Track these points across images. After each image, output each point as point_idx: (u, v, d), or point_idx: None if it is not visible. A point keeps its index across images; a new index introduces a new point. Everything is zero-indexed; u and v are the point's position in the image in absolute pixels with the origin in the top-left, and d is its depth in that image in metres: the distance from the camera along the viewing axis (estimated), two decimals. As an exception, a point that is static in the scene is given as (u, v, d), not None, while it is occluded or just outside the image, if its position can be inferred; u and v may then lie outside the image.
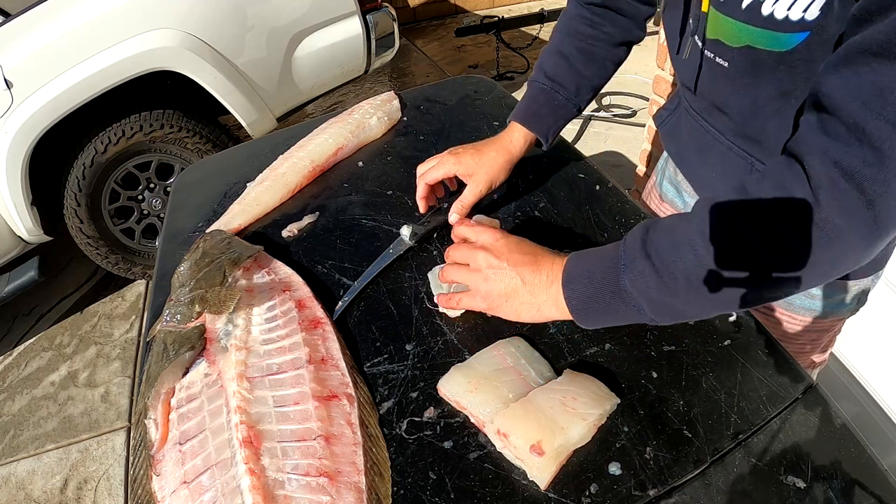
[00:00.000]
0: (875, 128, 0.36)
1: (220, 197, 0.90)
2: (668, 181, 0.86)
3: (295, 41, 2.01)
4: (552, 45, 0.77)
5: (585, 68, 0.74)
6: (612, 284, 0.47)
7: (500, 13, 3.86)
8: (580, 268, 0.50)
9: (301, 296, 0.66)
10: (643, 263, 0.45)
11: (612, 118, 2.82)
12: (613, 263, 0.47)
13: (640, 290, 0.46)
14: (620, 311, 0.48)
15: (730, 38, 0.52)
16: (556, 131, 0.76)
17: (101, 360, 1.98)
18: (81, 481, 1.60)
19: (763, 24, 0.47)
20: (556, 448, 0.47)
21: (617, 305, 0.48)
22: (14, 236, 1.87)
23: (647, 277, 0.45)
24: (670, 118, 0.78)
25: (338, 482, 0.48)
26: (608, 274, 0.48)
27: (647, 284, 0.45)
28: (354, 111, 1.01)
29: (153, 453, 0.51)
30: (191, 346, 0.58)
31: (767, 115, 0.55)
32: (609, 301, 0.48)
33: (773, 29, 0.47)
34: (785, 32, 0.46)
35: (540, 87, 0.75)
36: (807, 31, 0.45)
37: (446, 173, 0.72)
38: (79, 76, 1.66)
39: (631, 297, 0.46)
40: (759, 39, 0.49)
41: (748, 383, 0.54)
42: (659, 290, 0.45)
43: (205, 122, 2.02)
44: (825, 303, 0.68)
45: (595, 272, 0.49)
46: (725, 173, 0.66)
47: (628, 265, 0.46)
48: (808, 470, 0.47)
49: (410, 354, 0.60)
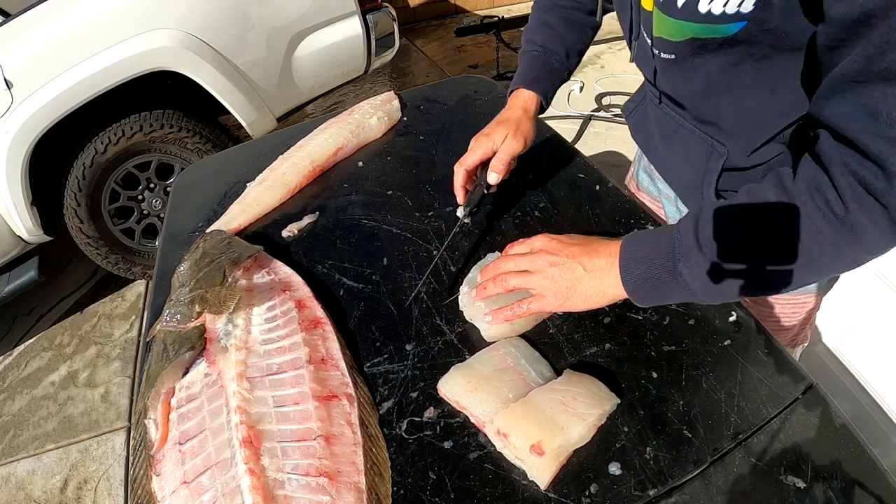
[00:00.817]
0: (875, 148, 0.41)
1: (220, 197, 0.90)
2: (643, 170, 0.91)
3: (295, 41, 2.01)
4: (535, 20, 0.84)
5: (569, 34, 0.82)
6: (670, 270, 0.52)
7: (500, 13, 3.86)
8: (637, 253, 0.54)
9: (301, 296, 0.66)
10: (697, 255, 0.50)
11: (612, 118, 2.82)
12: (669, 251, 0.52)
13: (695, 277, 0.50)
14: (675, 293, 0.53)
15: (673, 35, 0.57)
16: (553, 94, 0.82)
17: (101, 360, 1.98)
18: (81, 481, 1.60)
19: (702, 20, 0.52)
20: (556, 448, 0.47)
21: (672, 288, 0.52)
22: (14, 236, 1.87)
23: (701, 267, 0.50)
24: (637, 109, 0.83)
25: (338, 482, 0.48)
26: (665, 261, 0.52)
27: (701, 272, 0.50)
28: (354, 111, 1.01)
29: (153, 453, 0.51)
30: (191, 346, 0.58)
31: (719, 93, 0.59)
32: (665, 284, 0.53)
33: (711, 23, 0.51)
34: (723, 24, 0.51)
35: (534, 54, 0.81)
36: (744, 21, 0.50)
37: (483, 154, 0.73)
38: (79, 76, 1.66)
39: (686, 282, 0.51)
40: (701, 32, 0.53)
41: (748, 383, 0.54)
42: (712, 277, 0.50)
43: (205, 122, 2.02)
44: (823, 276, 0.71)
45: (653, 258, 0.53)
46: (689, 157, 0.69)
47: (684, 255, 0.51)
48: (808, 470, 0.47)
49: (410, 354, 0.60)
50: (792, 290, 0.54)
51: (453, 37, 3.68)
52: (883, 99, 0.40)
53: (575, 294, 0.56)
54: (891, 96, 0.40)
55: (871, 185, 0.42)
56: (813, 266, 0.47)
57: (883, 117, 0.40)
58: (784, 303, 0.75)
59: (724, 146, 0.64)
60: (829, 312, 1.30)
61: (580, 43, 0.83)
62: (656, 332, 0.59)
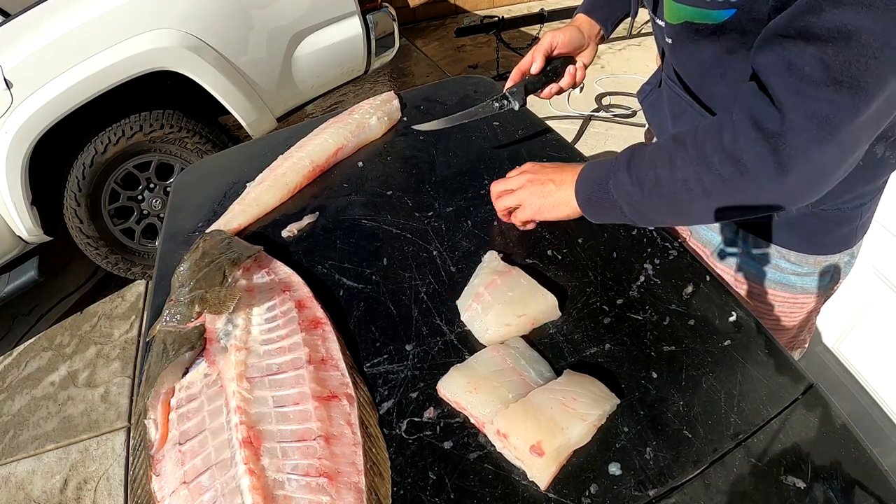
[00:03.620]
0: (782, 96, 0.47)
1: (220, 197, 0.90)
2: None
3: (295, 41, 2.01)
4: None
5: None
6: (605, 187, 0.62)
7: (500, 13, 3.85)
8: (588, 171, 0.65)
9: (301, 296, 0.66)
10: (624, 175, 0.59)
11: (612, 118, 2.82)
12: (606, 171, 0.62)
13: (621, 195, 0.60)
14: (610, 210, 0.62)
15: (671, 17, 0.61)
16: (615, 23, 0.86)
17: (101, 360, 1.98)
18: (81, 481, 1.60)
19: (694, 3, 0.56)
20: (556, 448, 0.47)
21: (607, 205, 0.62)
22: (14, 236, 1.87)
23: (626, 186, 0.59)
24: (652, 92, 0.84)
25: (337, 482, 0.48)
26: (602, 178, 0.62)
27: (625, 191, 0.60)
28: (354, 111, 1.01)
29: (153, 453, 0.51)
30: (191, 346, 0.58)
31: (714, 79, 0.64)
32: (602, 200, 0.62)
33: (703, 7, 0.55)
34: (714, 10, 0.55)
35: None
36: (733, 9, 0.53)
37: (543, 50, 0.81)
38: (79, 76, 1.66)
39: (615, 200, 0.61)
40: (694, 16, 0.57)
41: (748, 383, 0.54)
42: (633, 196, 0.59)
43: (205, 122, 2.01)
44: (796, 278, 0.73)
45: (596, 177, 0.63)
46: None
47: (614, 174, 0.60)
48: (808, 470, 0.47)
49: (410, 354, 0.60)
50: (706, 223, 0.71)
51: (453, 37, 3.68)
52: (800, 55, 0.45)
53: (547, 203, 0.68)
54: (808, 54, 0.44)
55: (764, 127, 0.48)
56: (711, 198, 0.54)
57: (796, 70, 0.45)
58: (782, 301, 0.75)
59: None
60: (830, 312, 1.29)
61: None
62: (656, 332, 0.59)
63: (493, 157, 0.89)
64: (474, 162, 0.89)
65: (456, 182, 0.85)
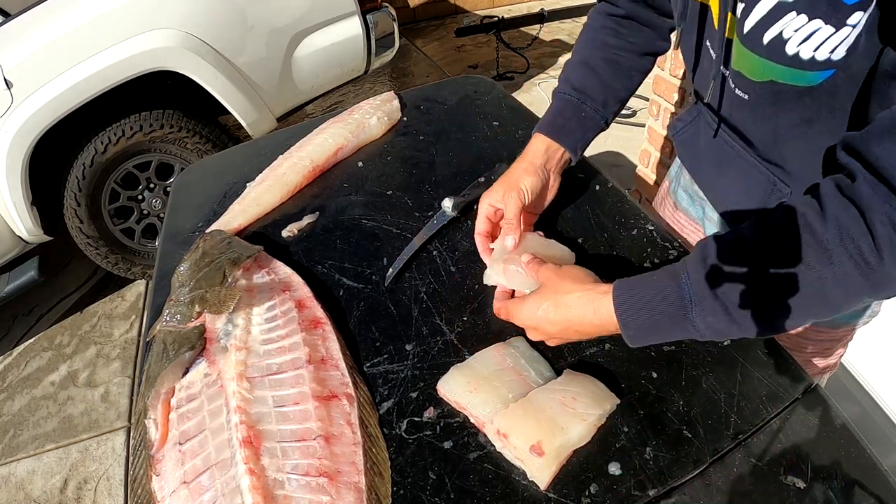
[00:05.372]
0: None
1: (220, 197, 0.90)
2: (683, 189, 0.83)
3: (295, 41, 2.01)
4: (576, 56, 0.75)
5: (612, 79, 0.72)
6: (678, 319, 0.48)
7: (500, 13, 3.85)
8: (635, 298, 0.50)
9: (301, 296, 0.66)
10: (712, 303, 0.46)
11: (612, 118, 2.82)
12: (678, 299, 0.48)
13: (708, 325, 0.47)
14: (677, 336, 0.49)
15: (752, 73, 0.52)
16: (585, 144, 0.72)
17: (101, 360, 1.98)
18: (81, 481, 1.60)
19: (788, 63, 0.47)
20: (556, 448, 0.47)
21: (677, 333, 0.49)
22: (14, 236, 1.87)
23: (716, 315, 0.46)
24: (686, 129, 0.76)
25: (337, 482, 0.48)
26: (673, 309, 0.48)
27: (716, 321, 0.46)
28: (354, 111, 1.01)
29: (153, 453, 0.51)
30: (191, 346, 0.58)
31: (789, 141, 0.55)
32: (669, 330, 0.49)
33: (797, 67, 0.47)
34: (812, 71, 0.46)
35: (566, 98, 0.72)
36: (832, 70, 0.45)
37: (487, 217, 0.67)
38: (79, 76, 1.66)
39: (697, 329, 0.48)
40: (783, 76, 0.49)
41: (748, 383, 0.54)
42: (728, 324, 0.46)
43: (205, 122, 2.02)
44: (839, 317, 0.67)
45: (656, 304, 0.49)
46: (748, 191, 0.64)
47: (697, 303, 0.47)
48: (808, 470, 0.47)
49: (410, 354, 0.60)
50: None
51: (453, 37, 3.68)
52: None
53: (570, 338, 0.56)
54: None
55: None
56: (831, 307, 0.45)
57: None
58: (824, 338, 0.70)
59: (787, 187, 0.59)
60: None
61: (625, 90, 0.73)
62: (656, 332, 0.59)
63: (493, 157, 0.89)
64: (474, 162, 0.89)
65: (456, 182, 0.85)
